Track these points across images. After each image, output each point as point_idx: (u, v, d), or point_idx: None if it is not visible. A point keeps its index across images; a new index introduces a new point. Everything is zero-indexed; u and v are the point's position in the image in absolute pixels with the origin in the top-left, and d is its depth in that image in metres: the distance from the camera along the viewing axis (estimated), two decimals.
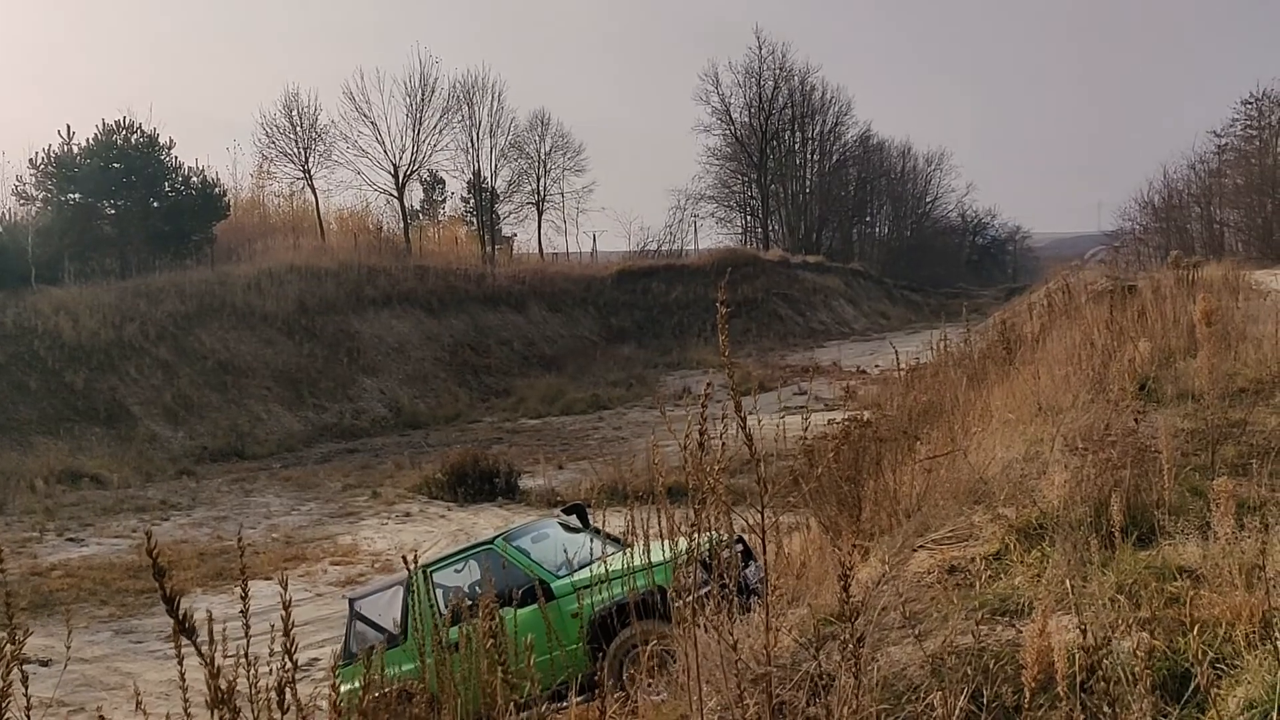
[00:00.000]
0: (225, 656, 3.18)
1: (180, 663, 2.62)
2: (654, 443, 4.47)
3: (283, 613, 2.33)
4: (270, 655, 3.04)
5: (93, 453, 26.45)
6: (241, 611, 2.93)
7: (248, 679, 3.21)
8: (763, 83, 73.04)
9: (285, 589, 2.41)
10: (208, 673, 2.19)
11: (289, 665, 2.50)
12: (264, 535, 19.40)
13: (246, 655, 2.95)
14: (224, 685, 2.17)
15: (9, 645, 2.44)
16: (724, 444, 3.22)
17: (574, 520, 11.04)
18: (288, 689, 2.35)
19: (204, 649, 2.22)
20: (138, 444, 27.95)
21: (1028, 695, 3.24)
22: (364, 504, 22.33)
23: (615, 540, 10.44)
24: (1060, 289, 17.63)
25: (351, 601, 11.09)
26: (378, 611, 10.62)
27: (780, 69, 73.57)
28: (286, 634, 2.32)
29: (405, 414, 35.37)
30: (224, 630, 3.77)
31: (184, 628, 2.17)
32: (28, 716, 2.54)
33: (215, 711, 2.15)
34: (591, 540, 10.06)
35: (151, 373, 31.14)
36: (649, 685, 4.71)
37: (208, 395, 31.69)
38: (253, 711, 3.20)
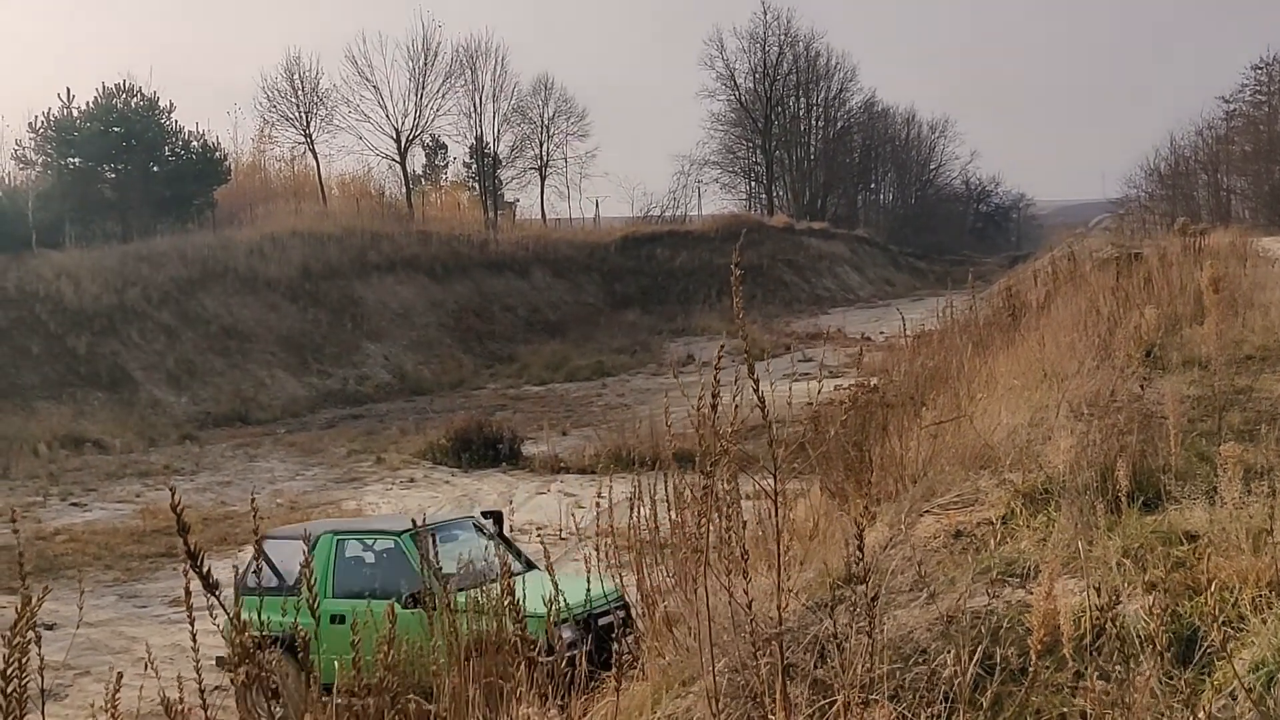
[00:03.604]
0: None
1: (192, 624, 2.64)
2: (666, 406, 4.46)
3: (305, 570, 2.34)
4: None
5: (95, 417, 26.48)
6: (255, 571, 2.93)
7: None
8: (767, 48, 72.60)
9: (309, 548, 2.41)
10: (233, 628, 2.20)
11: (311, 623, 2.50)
12: (268, 500, 19.45)
13: (259, 615, 2.96)
14: (248, 642, 2.18)
15: (28, 606, 2.45)
16: (736, 407, 3.21)
17: (490, 525, 11.05)
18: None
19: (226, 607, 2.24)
20: (140, 409, 27.98)
21: (1034, 657, 3.25)
22: (368, 469, 22.40)
23: (526, 559, 10.59)
24: (1065, 256, 17.58)
25: (263, 538, 11.23)
26: (281, 557, 10.67)
27: (785, 34, 73.12)
28: (309, 588, 2.34)
29: (409, 380, 35.40)
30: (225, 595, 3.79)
31: (207, 583, 2.18)
32: (42, 677, 2.55)
33: (239, 668, 2.17)
34: (495, 551, 10.30)
35: (154, 337, 31.14)
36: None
37: (211, 360, 31.71)
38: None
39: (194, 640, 2.81)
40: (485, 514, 11.44)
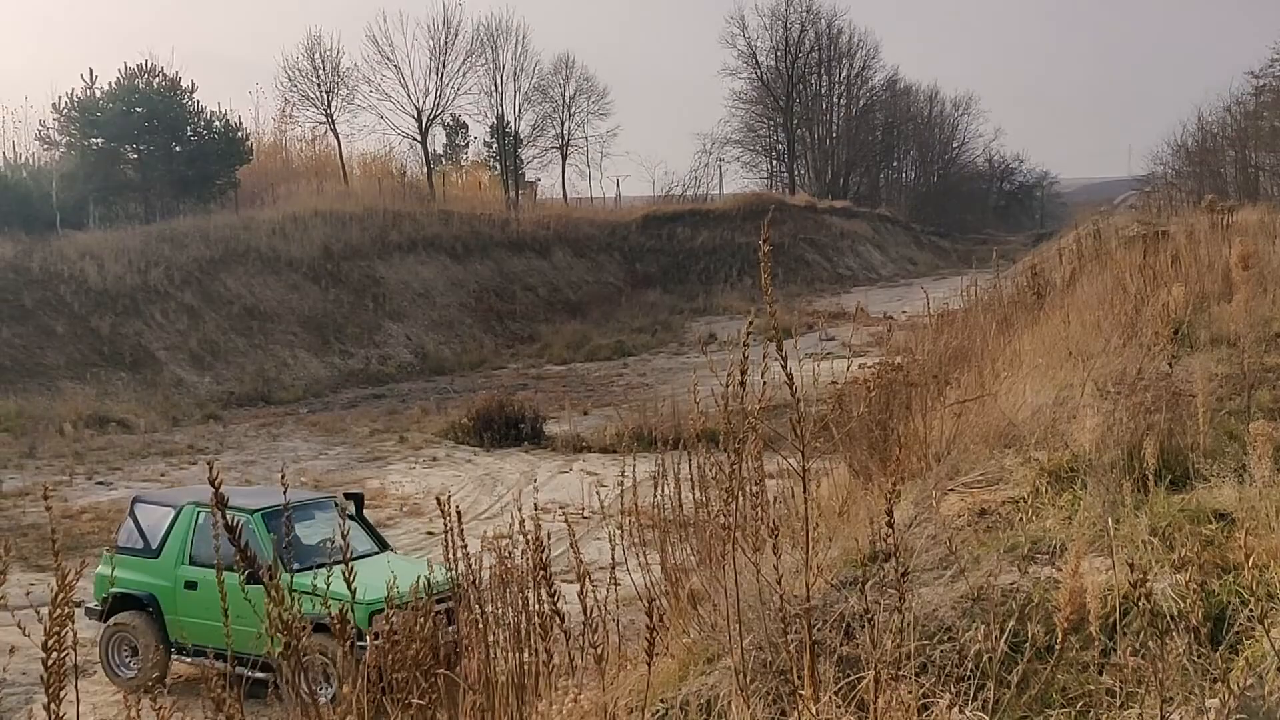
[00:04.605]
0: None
1: (223, 599, 2.66)
2: (694, 383, 4.45)
3: (341, 542, 2.35)
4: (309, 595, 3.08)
5: (119, 397, 26.67)
6: (286, 546, 2.95)
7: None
8: (789, 26, 72.27)
9: (344, 521, 2.43)
10: (272, 601, 2.22)
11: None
12: (292, 479, 19.37)
13: (291, 590, 2.98)
14: (288, 616, 2.20)
15: (65, 581, 2.48)
16: (765, 384, 3.20)
17: (351, 506, 11.33)
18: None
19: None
20: (164, 389, 28.17)
21: (1060, 635, 3.24)
22: (391, 449, 22.50)
23: (381, 540, 11.12)
24: (1090, 234, 17.45)
25: (135, 500, 11.98)
26: (149, 522, 11.37)
27: (807, 12, 72.76)
28: (346, 562, 2.35)
29: (431, 360, 35.49)
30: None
31: (245, 555, 2.20)
32: (75, 653, 2.58)
33: (282, 639, 2.18)
34: (344, 533, 10.46)
35: (177, 318, 31.31)
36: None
37: (234, 340, 31.87)
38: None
39: (225, 616, 2.83)
40: (347, 495, 11.78)
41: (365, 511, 16.95)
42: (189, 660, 10.68)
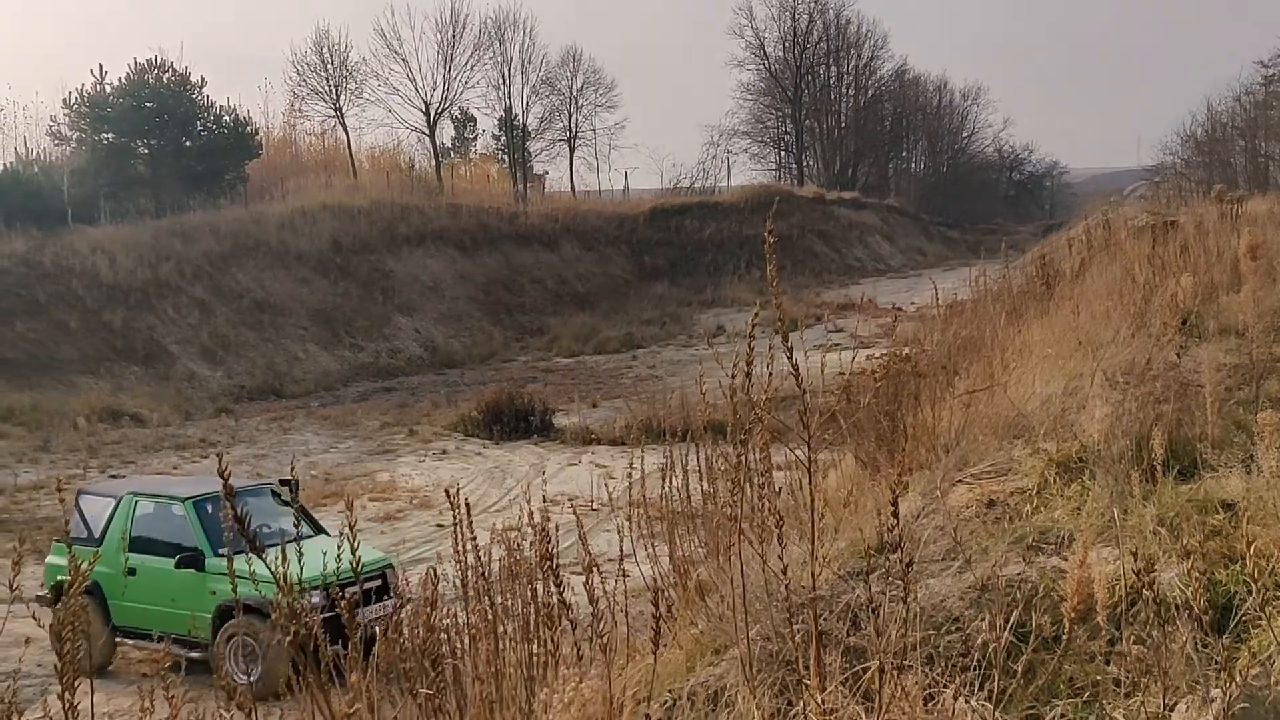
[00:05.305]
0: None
1: (235, 590, 2.69)
2: (700, 375, 4.47)
3: (349, 533, 2.38)
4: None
5: (132, 391, 26.78)
6: (296, 539, 2.98)
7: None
8: (797, 16, 72.17)
9: (352, 510, 2.46)
10: (282, 590, 2.24)
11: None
12: (303, 472, 19.62)
13: (301, 583, 3.01)
14: (294, 605, 2.22)
15: (79, 572, 2.51)
16: (771, 375, 3.22)
17: (286, 492, 11.50)
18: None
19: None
20: (176, 383, 28.28)
21: (1068, 625, 3.25)
22: (401, 442, 22.56)
23: (315, 524, 11.25)
24: (1100, 224, 17.40)
25: (80, 492, 12.46)
26: (93, 512, 11.82)
27: (815, 2, 72.63)
28: (353, 551, 2.38)
29: (440, 353, 35.56)
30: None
31: (254, 545, 2.22)
32: (90, 643, 2.62)
33: (289, 628, 2.21)
34: (288, 518, 10.97)
35: (188, 312, 31.41)
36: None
37: (245, 334, 31.97)
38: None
39: (238, 607, 2.86)
40: (282, 481, 12.01)
41: (374, 504, 17.08)
42: (131, 643, 11.11)
